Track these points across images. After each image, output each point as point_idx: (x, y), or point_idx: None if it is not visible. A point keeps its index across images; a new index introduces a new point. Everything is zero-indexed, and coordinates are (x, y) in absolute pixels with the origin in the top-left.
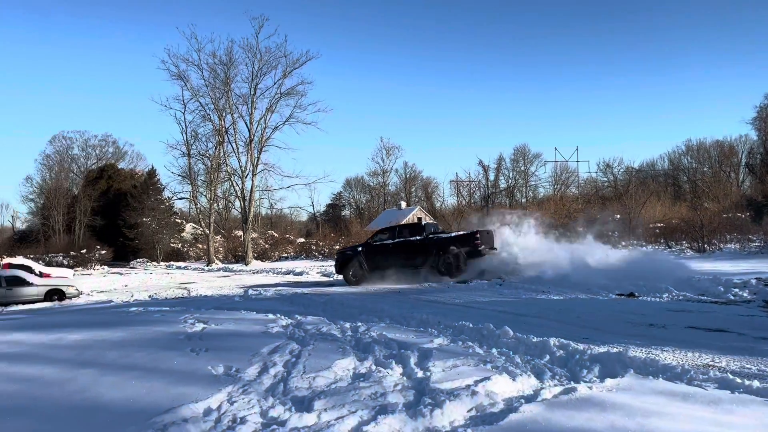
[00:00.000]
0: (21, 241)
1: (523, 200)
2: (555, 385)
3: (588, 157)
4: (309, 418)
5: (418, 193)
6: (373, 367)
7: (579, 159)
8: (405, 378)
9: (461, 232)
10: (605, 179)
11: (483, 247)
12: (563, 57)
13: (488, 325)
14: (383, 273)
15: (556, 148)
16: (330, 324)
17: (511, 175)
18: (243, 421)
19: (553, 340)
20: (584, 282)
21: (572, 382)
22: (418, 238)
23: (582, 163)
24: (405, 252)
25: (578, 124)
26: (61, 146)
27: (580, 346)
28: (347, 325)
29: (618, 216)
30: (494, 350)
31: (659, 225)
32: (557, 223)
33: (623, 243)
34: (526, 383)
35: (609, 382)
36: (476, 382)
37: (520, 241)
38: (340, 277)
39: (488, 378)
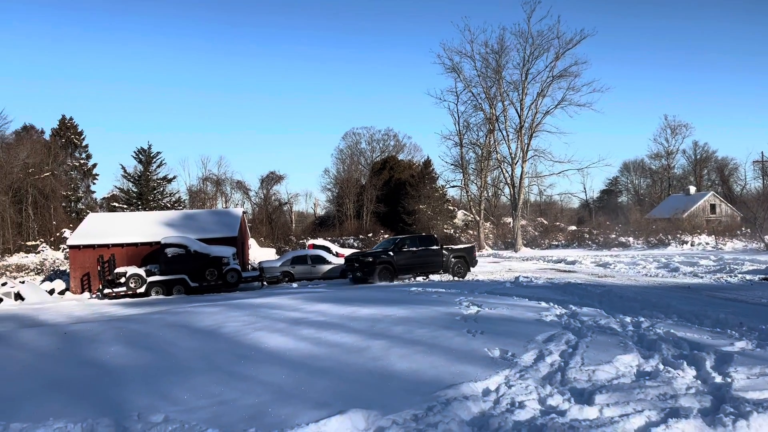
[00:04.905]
0: (320, 225)
1: None
2: None
3: None
4: (590, 412)
5: (711, 176)
6: (661, 367)
7: None
8: (699, 382)
9: (465, 245)
10: None
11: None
12: None
13: None
14: (407, 272)
15: None
16: (608, 317)
17: None
18: (521, 405)
19: None
20: None
21: None
22: (436, 247)
23: None
24: (426, 257)
25: None
26: (352, 141)
27: None
28: (628, 319)
29: None
30: None
31: None
32: None
33: None
34: None
35: None
36: None
37: None
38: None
39: None
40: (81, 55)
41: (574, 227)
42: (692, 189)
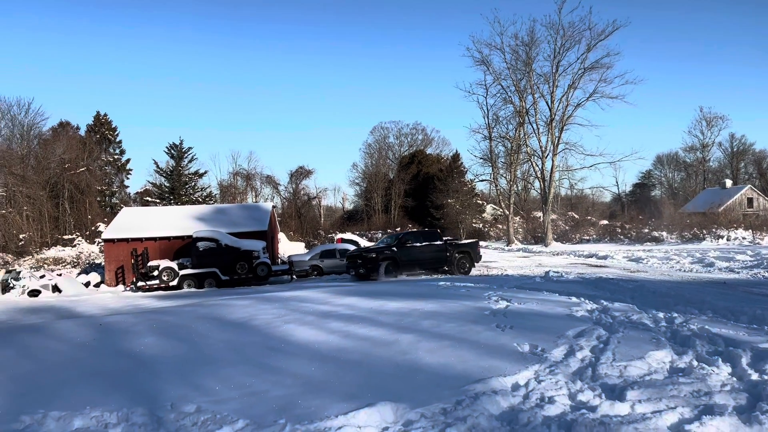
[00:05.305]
0: (349, 219)
1: None
2: None
3: None
4: (621, 408)
5: (748, 169)
6: (694, 363)
7: None
8: (735, 379)
9: (470, 240)
10: None
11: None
12: None
13: None
14: (411, 268)
15: None
16: (641, 312)
17: None
18: (551, 400)
19: None
20: None
21: None
22: (440, 242)
23: None
24: (430, 253)
25: None
26: (380, 136)
27: None
28: (660, 314)
29: None
30: None
31: None
32: None
33: None
34: None
35: None
36: None
37: None
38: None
39: None
40: (115, 52)
41: (605, 221)
42: (728, 182)
